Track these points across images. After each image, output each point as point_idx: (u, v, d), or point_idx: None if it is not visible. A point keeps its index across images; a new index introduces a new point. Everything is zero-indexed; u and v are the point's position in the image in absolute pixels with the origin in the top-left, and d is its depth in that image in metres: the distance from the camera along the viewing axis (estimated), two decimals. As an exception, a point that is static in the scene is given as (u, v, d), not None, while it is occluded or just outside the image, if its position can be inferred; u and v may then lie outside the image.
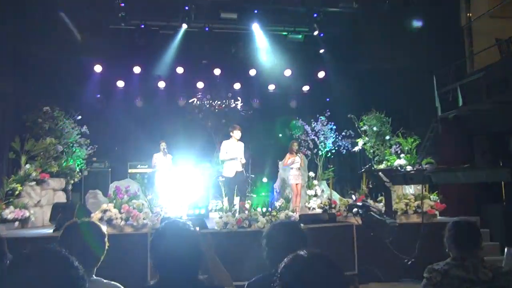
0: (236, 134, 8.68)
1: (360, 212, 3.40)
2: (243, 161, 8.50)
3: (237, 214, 7.33)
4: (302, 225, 7.36)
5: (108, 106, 12.35)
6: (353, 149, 12.12)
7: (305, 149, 11.98)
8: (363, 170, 3.84)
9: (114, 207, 7.38)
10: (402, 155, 9.79)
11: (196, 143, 12.96)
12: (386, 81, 11.56)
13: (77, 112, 10.42)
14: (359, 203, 3.53)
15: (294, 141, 10.19)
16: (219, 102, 13.11)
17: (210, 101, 13.10)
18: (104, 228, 3.06)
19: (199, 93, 13.12)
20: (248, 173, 10.72)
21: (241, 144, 8.74)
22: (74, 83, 11.51)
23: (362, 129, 11.11)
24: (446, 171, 3.52)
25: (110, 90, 12.55)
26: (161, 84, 12.80)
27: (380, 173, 3.68)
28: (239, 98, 13.47)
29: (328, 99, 13.26)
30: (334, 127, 11.73)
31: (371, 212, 3.30)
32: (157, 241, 2.47)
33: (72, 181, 9.88)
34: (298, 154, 10.15)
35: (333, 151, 11.87)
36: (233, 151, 8.62)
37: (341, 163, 13.10)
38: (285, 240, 2.65)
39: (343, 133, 11.75)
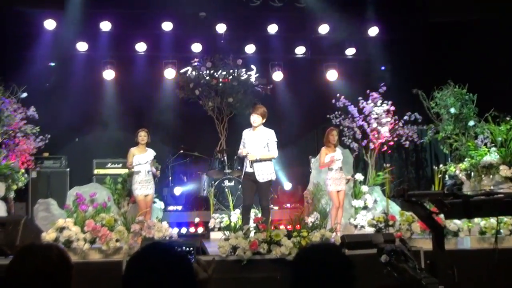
0: (254, 119, 8.56)
1: (391, 262, 3.30)
2: (252, 157, 8.35)
3: (251, 235, 7.31)
4: (345, 250, 7.34)
5: (65, 79, 12.44)
6: (421, 140, 12.04)
7: (350, 140, 11.91)
8: (393, 195, 3.61)
9: (75, 224, 7.42)
10: (493, 149, 9.67)
11: (191, 132, 12.97)
12: (470, 41, 11.40)
13: (21, 87, 10.51)
14: (394, 246, 3.39)
15: (332, 128, 10.02)
16: (224, 73, 13.07)
17: (212, 72, 13.08)
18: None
19: (195, 60, 13.11)
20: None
21: (261, 134, 8.57)
22: (17, 45, 11.60)
23: (434, 110, 11.00)
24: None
25: (68, 55, 12.62)
26: (141, 47, 12.83)
27: (418, 201, 3.48)
28: (253, 66, 13.43)
29: (383, 68, 13.17)
30: (393, 108, 11.63)
31: (405, 265, 3.20)
32: (134, 272, 2.46)
33: (14, 187, 9.99)
34: (339, 148, 10.07)
35: (391, 143, 11.78)
36: (247, 143, 8.56)
37: (402, 161, 13.02)
38: (321, 273, 2.62)
39: (406, 117, 11.65)
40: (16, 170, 9.95)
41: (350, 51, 13.35)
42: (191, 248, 6.59)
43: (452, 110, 10.52)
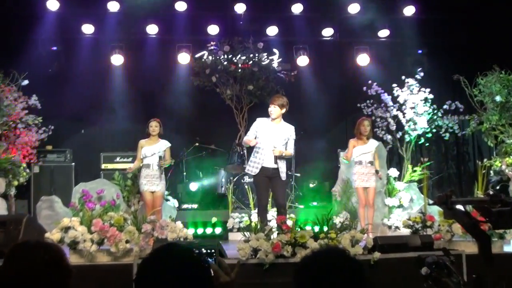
0: (272, 110, 8.55)
1: (433, 275, 3.25)
2: (277, 152, 8.35)
3: (273, 236, 7.32)
4: (378, 254, 7.31)
5: (69, 64, 12.53)
6: (463, 132, 11.94)
7: (383, 132, 11.85)
8: (434, 202, 3.48)
9: (81, 223, 7.48)
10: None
11: (207, 123, 13.00)
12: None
13: (22, 74, 10.59)
14: (436, 257, 3.31)
15: (364, 119, 9.99)
16: (243, 58, 13.05)
17: (230, 56, 13.08)
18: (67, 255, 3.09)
19: (212, 43, 13.12)
20: (292, 171, 10.68)
21: (283, 129, 8.57)
22: (17, 28, 11.69)
23: (477, 99, 10.89)
24: None
25: (73, 39, 12.71)
26: (152, 29, 12.87)
27: (462, 207, 3.38)
28: (275, 50, 13.39)
29: (420, 51, 13.07)
30: (431, 96, 11.55)
31: (448, 280, 3.15)
32: (146, 276, 2.48)
33: (15, 183, 10.10)
34: (373, 141, 10.01)
35: (429, 135, 11.70)
36: (264, 135, 8.53)
37: (442, 155, 12.93)
38: (328, 280, 2.61)
39: (445, 106, 11.56)
40: (17, 165, 10.04)
41: (383, 33, 13.24)
42: (212, 250, 6.64)
43: (498, 98, 10.41)
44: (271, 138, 8.48)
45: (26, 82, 10.64)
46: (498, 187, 10.30)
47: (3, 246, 6.90)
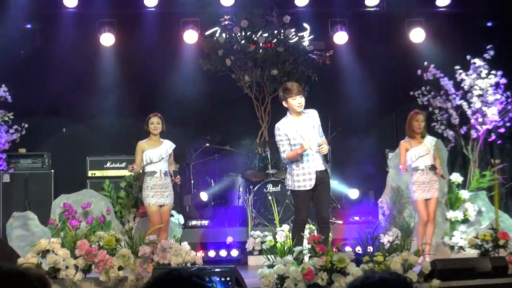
0: (294, 103, 8.53)
1: None
2: (325, 148, 8.35)
3: (305, 259, 7.32)
4: (437, 281, 7.27)
5: (47, 47, 12.61)
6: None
7: (443, 127, 11.78)
8: None
9: (62, 246, 7.54)
10: None
11: (221, 118, 13.01)
12: None
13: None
14: None
15: (417, 111, 9.90)
16: (265, 35, 13.07)
17: (248, 34, 13.09)
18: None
19: (226, 18, 13.14)
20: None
21: (308, 117, 8.61)
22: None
23: None
24: None
25: (52, 14, 12.77)
26: (151, 1, 12.91)
27: None
28: (306, 25, 13.38)
29: (490, 24, 12.97)
30: (504, 80, 11.46)
31: None
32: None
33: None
34: (429, 138, 9.95)
35: (502, 130, 11.61)
36: (299, 137, 8.51)
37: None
38: None
39: (523, 94, 11.49)
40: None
41: (443, 2, 13.20)
42: (227, 279, 6.65)
43: None
44: (309, 135, 8.46)
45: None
46: None
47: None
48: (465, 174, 11.28)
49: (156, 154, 9.37)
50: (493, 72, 11.48)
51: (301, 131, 8.38)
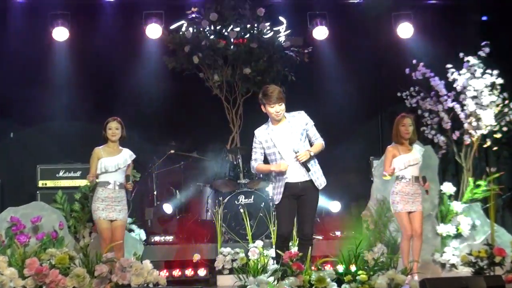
0: (271, 111, 8.48)
1: None
2: (306, 155, 8.26)
3: (286, 281, 7.31)
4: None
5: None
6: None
7: (433, 132, 11.84)
8: None
9: (10, 264, 7.47)
10: None
11: (187, 122, 13.00)
12: None
13: None
14: None
15: (404, 115, 9.93)
16: (237, 29, 13.08)
17: (218, 28, 13.09)
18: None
19: (193, 9, 13.12)
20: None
21: (291, 123, 8.56)
22: None
23: None
24: None
25: (-1, 6, 12.74)
26: (109, -10, 12.93)
27: None
28: (282, 18, 13.40)
29: (485, 17, 13.08)
30: (500, 80, 11.54)
31: None
32: None
33: None
34: (418, 145, 9.99)
35: (499, 135, 11.69)
36: (276, 145, 8.48)
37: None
38: None
39: (522, 95, 11.58)
40: None
41: (433, -6, 13.34)
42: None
43: None
44: (285, 144, 8.40)
45: None
46: None
47: None
48: (457, 184, 11.36)
49: (113, 163, 9.21)
50: (488, 71, 11.55)
51: (276, 140, 8.30)
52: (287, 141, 8.23)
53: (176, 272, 10.52)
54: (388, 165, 9.43)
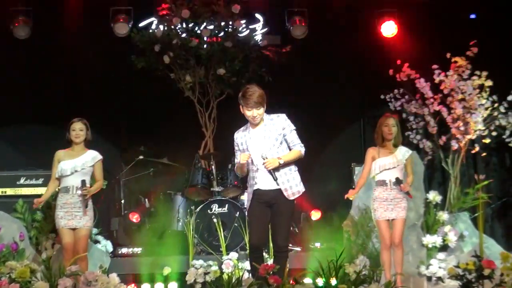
0: (248, 114, 8.47)
1: None
2: (274, 162, 8.24)
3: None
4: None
5: None
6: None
7: (419, 136, 11.88)
8: None
9: (-35, 279, 7.42)
10: None
11: (157, 126, 12.97)
12: None
13: None
14: None
15: (387, 116, 9.96)
16: (210, 27, 13.09)
17: (191, 26, 13.09)
18: None
19: (164, 6, 13.11)
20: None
21: (269, 126, 8.56)
22: None
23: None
24: None
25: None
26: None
27: None
28: (258, 16, 13.41)
29: (473, 16, 13.15)
30: (489, 83, 11.59)
31: None
32: None
33: None
34: (402, 149, 10.00)
35: (488, 141, 11.74)
36: (250, 149, 8.48)
37: (506, 170, 13.03)
38: None
39: (511, 98, 11.60)
40: None
41: (417, -10, 13.38)
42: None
43: None
44: (258, 148, 8.38)
45: None
46: None
47: None
48: (444, 192, 11.38)
49: (70, 165, 9.13)
50: (477, 72, 11.58)
51: (250, 144, 8.30)
52: (260, 146, 8.22)
53: (145, 286, 10.49)
54: (367, 168, 9.48)
